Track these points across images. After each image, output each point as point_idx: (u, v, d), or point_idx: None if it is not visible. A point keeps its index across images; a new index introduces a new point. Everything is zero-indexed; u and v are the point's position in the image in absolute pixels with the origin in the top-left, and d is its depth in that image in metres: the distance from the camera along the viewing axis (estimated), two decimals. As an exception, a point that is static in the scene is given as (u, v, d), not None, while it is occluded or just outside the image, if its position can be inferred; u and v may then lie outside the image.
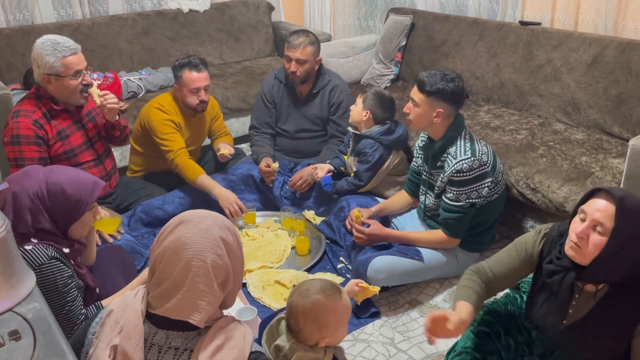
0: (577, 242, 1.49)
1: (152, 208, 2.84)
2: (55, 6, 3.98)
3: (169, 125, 2.88)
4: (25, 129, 2.35)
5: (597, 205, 1.47)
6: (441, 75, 2.31)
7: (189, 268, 1.18)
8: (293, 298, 1.61)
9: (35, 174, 1.75)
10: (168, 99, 2.95)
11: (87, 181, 1.81)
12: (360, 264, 2.38)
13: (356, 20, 4.99)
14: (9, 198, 1.68)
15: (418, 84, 2.35)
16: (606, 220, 1.44)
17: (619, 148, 2.82)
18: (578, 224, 1.51)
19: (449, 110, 2.34)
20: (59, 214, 1.75)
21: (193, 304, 1.19)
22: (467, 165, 2.28)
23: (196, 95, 2.86)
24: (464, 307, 1.62)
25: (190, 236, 1.20)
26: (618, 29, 3.32)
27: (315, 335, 1.58)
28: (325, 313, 1.57)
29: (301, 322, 1.57)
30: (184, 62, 2.85)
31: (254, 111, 3.27)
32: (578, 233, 1.48)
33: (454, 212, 2.35)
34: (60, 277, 1.67)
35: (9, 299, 1.26)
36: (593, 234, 1.47)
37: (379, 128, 2.84)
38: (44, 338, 1.17)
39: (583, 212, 1.50)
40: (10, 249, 1.30)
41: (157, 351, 1.20)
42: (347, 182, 2.88)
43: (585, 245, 1.48)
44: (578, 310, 1.60)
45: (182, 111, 2.96)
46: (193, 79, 2.82)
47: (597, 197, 1.49)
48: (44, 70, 2.34)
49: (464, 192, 2.31)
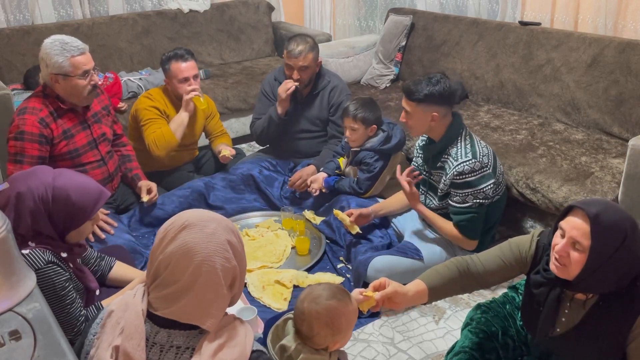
0: (558, 259, 1.49)
1: (152, 208, 2.84)
2: (56, 6, 3.99)
3: (152, 112, 2.92)
4: (31, 126, 2.35)
5: (574, 222, 1.45)
6: (426, 81, 2.32)
7: (198, 274, 1.18)
8: (305, 304, 1.59)
9: (44, 176, 1.72)
10: (158, 91, 3.01)
11: (94, 190, 1.78)
12: (360, 264, 2.38)
13: (356, 21, 4.99)
14: (13, 197, 1.66)
15: (406, 94, 2.35)
16: (583, 239, 1.43)
17: (618, 148, 2.82)
18: (558, 240, 1.50)
19: (443, 111, 2.34)
20: (59, 219, 1.73)
21: (204, 309, 1.19)
22: (468, 167, 2.28)
23: (186, 84, 2.89)
24: (413, 285, 1.68)
25: (198, 241, 1.19)
26: (618, 29, 3.32)
27: (329, 339, 1.58)
28: (339, 318, 1.57)
29: (316, 327, 1.57)
30: (171, 54, 2.90)
31: (255, 109, 3.27)
32: (558, 251, 1.48)
33: (465, 213, 2.34)
34: (57, 280, 1.66)
35: (9, 299, 1.26)
36: (573, 251, 1.46)
37: (378, 138, 2.83)
38: (44, 338, 1.17)
39: (562, 228, 1.49)
40: (11, 249, 1.30)
41: (159, 350, 1.20)
42: (349, 186, 2.86)
43: (567, 262, 1.47)
44: (570, 319, 1.59)
45: (173, 104, 2.99)
46: (181, 68, 2.87)
47: (573, 214, 1.47)
48: (52, 70, 2.35)
49: (469, 193, 2.31)
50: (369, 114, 2.77)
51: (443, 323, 2.32)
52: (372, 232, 2.68)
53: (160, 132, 2.87)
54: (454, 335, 2.24)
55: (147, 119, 2.90)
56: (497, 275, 1.71)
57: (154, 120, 2.90)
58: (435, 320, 2.33)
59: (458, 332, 2.13)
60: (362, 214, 2.57)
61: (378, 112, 2.84)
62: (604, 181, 2.51)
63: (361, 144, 2.85)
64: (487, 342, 1.77)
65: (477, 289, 1.78)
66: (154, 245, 1.24)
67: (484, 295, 2.45)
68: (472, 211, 2.32)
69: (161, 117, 2.93)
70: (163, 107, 2.95)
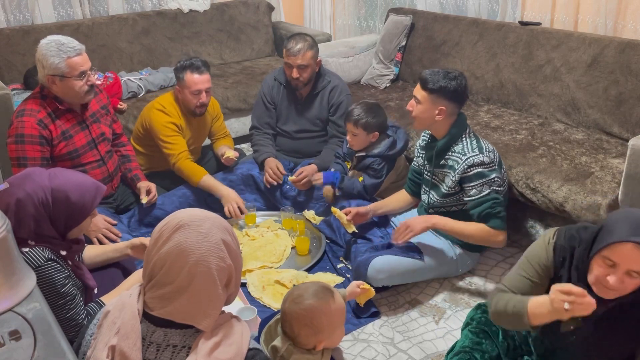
0: (614, 290, 1.45)
1: (152, 208, 2.84)
2: (56, 6, 3.98)
3: (170, 128, 2.88)
4: (30, 128, 2.34)
5: (630, 255, 1.40)
6: (444, 73, 2.32)
7: (193, 274, 1.18)
8: (286, 305, 1.60)
9: (39, 178, 1.71)
10: (170, 100, 2.95)
11: (91, 187, 1.79)
12: (361, 264, 2.38)
13: (356, 20, 4.99)
14: (13, 204, 1.65)
15: (421, 82, 2.35)
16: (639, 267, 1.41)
17: (618, 148, 2.82)
18: (606, 270, 1.45)
19: (451, 108, 2.34)
20: (60, 220, 1.73)
21: (199, 309, 1.19)
22: (478, 160, 2.28)
23: (197, 97, 2.86)
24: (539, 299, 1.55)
25: (192, 241, 1.19)
26: (618, 29, 3.32)
27: (311, 339, 1.58)
28: (319, 317, 1.57)
29: (296, 328, 1.57)
30: (186, 63, 2.84)
31: (254, 111, 3.27)
32: (614, 286, 1.43)
33: (485, 202, 2.28)
34: (57, 278, 1.67)
35: (9, 299, 1.26)
36: (628, 279, 1.43)
37: (385, 144, 2.82)
38: (44, 338, 1.17)
39: (610, 260, 1.44)
40: (11, 248, 1.30)
41: (156, 349, 1.21)
42: (355, 188, 2.84)
43: (621, 288, 1.44)
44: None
45: (184, 112, 2.97)
46: (195, 81, 2.82)
47: (623, 246, 1.41)
48: (48, 71, 2.33)
49: (484, 183, 2.28)
50: (371, 121, 2.76)
51: (443, 323, 2.32)
52: (372, 232, 2.67)
53: (192, 167, 2.89)
54: (454, 335, 2.24)
55: (167, 136, 2.88)
56: (535, 293, 1.66)
57: (175, 139, 2.89)
58: (435, 320, 2.33)
59: (458, 332, 2.13)
60: (359, 212, 2.57)
61: (382, 117, 2.82)
62: (604, 181, 2.51)
63: (363, 149, 2.85)
64: (487, 342, 1.77)
65: None
66: (149, 246, 1.24)
67: (485, 296, 2.45)
68: (491, 198, 2.28)
69: (179, 134, 2.92)
70: (178, 120, 2.92)
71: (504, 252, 2.73)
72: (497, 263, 2.68)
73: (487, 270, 2.63)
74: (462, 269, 2.55)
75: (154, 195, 2.78)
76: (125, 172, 2.82)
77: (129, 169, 2.82)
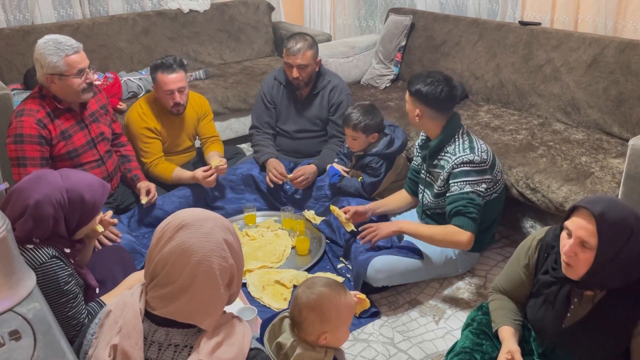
0: (567, 261, 1.50)
1: (152, 208, 2.84)
2: (55, 6, 3.98)
3: (145, 135, 2.91)
4: (29, 128, 2.34)
5: (579, 222, 1.46)
6: (424, 76, 2.33)
7: (195, 274, 1.18)
8: (300, 290, 1.66)
9: (54, 179, 1.74)
10: (151, 99, 2.97)
11: (99, 185, 1.84)
12: (361, 264, 2.38)
13: (356, 21, 4.99)
14: (31, 206, 1.67)
15: (408, 81, 2.41)
16: (590, 238, 1.44)
17: (618, 148, 2.82)
18: (565, 241, 1.51)
19: (428, 113, 2.34)
20: (73, 219, 1.77)
21: (201, 308, 1.19)
22: (467, 159, 2.29)
23: (171, 97, 2.84)
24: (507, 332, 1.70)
25: (194, 241, 1.19)
26: (618, 29, 3.32)
27: (316, 327, 1.60)
28: (327, 305, 1.60)
29: (304, 311, 1.61)
30: (158, 63, 2.84)
31: (254, 111, 3.27)
32: (566, 252, 1.49)
33: (461, 199, 2.26)
34: (61, 275, 1.68)
35: (9, 299, 1.26)
36: (580, 250, 1.47)
37: (382, 142, 2.82)
38: (44, 338, 1.17)
39: (567, 229, 1.50)
40: (11, 248, 1.30)
41: (157, 349, 1.21)
42: (354, 187, 2.85)
43: (575, 262, 1.48)
44: (576, 313, 1.60)
45: (163, 113, 2.96)
46: (166, 81, 2.81)
47: (578, 214, 1.48)
48: (47, 70, 2.33)
49: (468, 182, 2.28)
50: (370, 123, 2.77)
51: (443, 323, 2.32)
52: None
53: (162, 169, 2.92)
54: (454, 335, 2.24)
55: (142, 142, 2.91)
56: (523, 288, 1.74)
57: (149, 146, 2.92)
58: (436, 321, 2.33)
59: (458, 332, 2.13)
60: (358, 211, 2.57)
61: (379, 117, 2.83)
62: (604, 181, 2.51)
63: (363, 150, 2.85)
64: (488, 343, 1.77)
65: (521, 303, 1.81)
66: (151, 245, 1.24)
67: (485, 296, 2.45)
68: (468, 198, 2.26)
69: (155, 138, 2.93)
70: (153, 124, 2.93)
71: (504, 252, 2.74)
72: (497, 263, 2.68)
73: (487, 270, 2.63)
74: (462, 269, 2.55)
75: (153, 196, 2.78)
76: (125, 172, 2.82)
77: (129, 169, 2.82)
